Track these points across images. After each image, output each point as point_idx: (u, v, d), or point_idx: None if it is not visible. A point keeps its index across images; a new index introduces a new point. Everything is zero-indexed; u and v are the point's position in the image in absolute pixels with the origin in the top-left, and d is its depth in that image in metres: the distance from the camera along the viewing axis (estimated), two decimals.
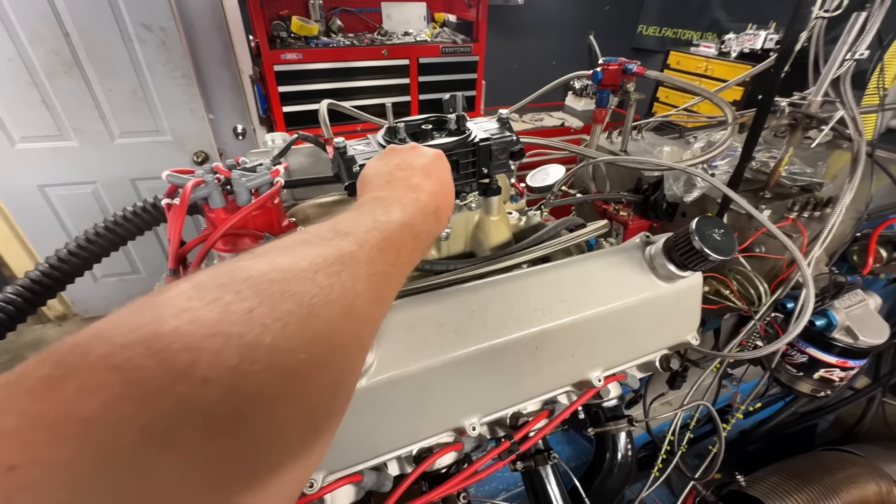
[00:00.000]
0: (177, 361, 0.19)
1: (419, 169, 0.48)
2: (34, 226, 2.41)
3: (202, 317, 0.22)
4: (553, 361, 0.63)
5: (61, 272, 0.68)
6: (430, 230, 0.43)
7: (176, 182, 0.65)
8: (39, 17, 1.91)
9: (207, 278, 0.24)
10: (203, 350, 0.20)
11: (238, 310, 0.23)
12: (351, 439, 0.55)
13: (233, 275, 0.25)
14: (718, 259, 0.59)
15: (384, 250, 0.34)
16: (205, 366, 0.20)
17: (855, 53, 0.95)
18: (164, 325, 0.21)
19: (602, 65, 1.17)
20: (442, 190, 0.48)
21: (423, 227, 0.41)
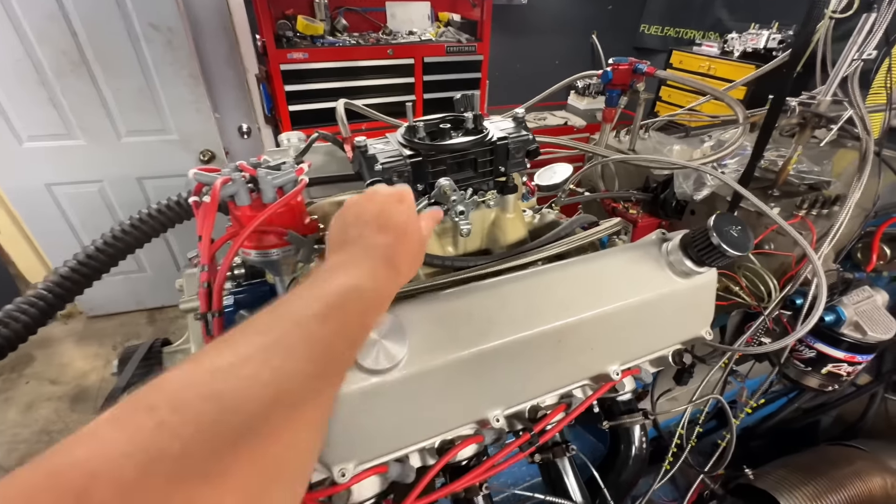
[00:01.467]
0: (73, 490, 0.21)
1: (370, 223, 0.47)
2: (41, 224, 2.42)
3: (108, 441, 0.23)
4: (574, 355, 0.65)
5: (89, 268, 0.69)
6: (384, 285, 0.43)
7: (203, 180, 0.66)
8: (47, 17, 1.92)
9: (127, 401, 0.26)
10: (101, 474, 0.21)
11: (149, 425, 0.24)
12: (382, 430, 0.56)
13: (152, 391, 0.26)
14: (736, 255, 0.61)
15: (327, 319, 0.34)
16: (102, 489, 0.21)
17: (863, 53, 0.97)
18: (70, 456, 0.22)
19: (612, 64, 1.18)
20: (398, 238, 0.47)
21: (372, 284, 0.41)
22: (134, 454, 0.22)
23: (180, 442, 0.24)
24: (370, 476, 0.60)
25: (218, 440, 0.25)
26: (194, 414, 0.25)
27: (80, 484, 0.21)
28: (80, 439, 0.23)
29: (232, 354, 0.29)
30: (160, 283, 2.81)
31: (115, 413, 0.25)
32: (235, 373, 0.28)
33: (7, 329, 0.59)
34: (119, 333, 2.77)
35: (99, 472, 0.21)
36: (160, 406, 0.25)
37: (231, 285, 0.92)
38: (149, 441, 0.23)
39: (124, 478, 0.22)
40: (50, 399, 2.35)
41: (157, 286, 2.82)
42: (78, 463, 0.22)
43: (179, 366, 0.29)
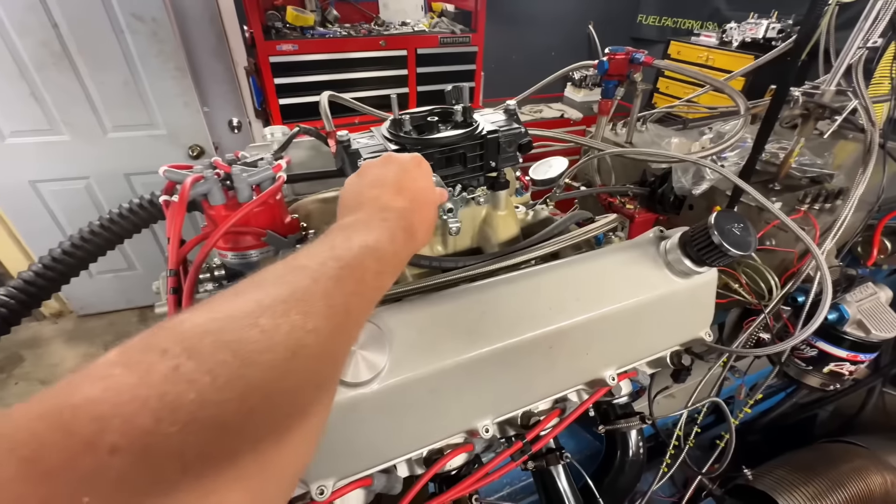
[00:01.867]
0: (82, 432, 0.19)
1: (391, 185, 0.46)
2: (27, 222, 2.37)
3: (119, 383, 0.21)
4: (568, 360, 0.62)
5: (55, 272, 0.65)
6: (400, 250, 0.41)
7: (173, 178, 0.62)
8: (27, 8, 1.86)
9: (140, 339, 0.24)
10: (112, 417, 0.20)
11: (162, 369, 0.22)
12: (362, 443, 0.53)
13: (163, 332, 0.24)
14: (738, 255, 0.57)
15: (343, 280, 0.32)
16: (114, 434, 0.19)
17: (868, 41, 0.94)
18: (76, 396, 0.20)
19: (608, 54, 1.14)
20: (416, 203, 0.46)
21: (391, 248, 0.39)
22: (148, 399, 0.21)
23: (197, 391, 0.22)
24: (354, 490, 0.57)
25: (234, 392, 0.23)
26: (212, 363, 0.23)
27: (90, 428, 0.19)
28: (88, 378, 0.21)
29: (248, 303, 0.27)
30: (151, 282, 2.71)
31: (124, 353, 0.23)
32: (253, 322, 0.26)
33: None
34: (110, 332, 2.73)
35: (111, 415, 0.20)
36: (174, 350, 0.23)
37: (212, 287, 0.88)
38: (163, 386, 0.21)
39: (138, 424, 0.20)
40: None
41: (148, 284, 2.71)
42: (88, 404, 0.20)
43: (191, 310, 0.27)
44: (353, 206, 0.45)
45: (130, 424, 0.20)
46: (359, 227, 0.39)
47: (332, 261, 0.33)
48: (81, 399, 0.20)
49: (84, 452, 0.19)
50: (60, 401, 0.20)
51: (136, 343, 0.24)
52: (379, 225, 0.40)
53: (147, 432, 0.20)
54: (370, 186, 0.46)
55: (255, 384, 0.24)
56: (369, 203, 0.44)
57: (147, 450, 0.20)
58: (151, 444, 0.20)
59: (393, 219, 0.42)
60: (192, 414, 0.21)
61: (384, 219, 0.41)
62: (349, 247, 0.35)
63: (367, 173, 0.49)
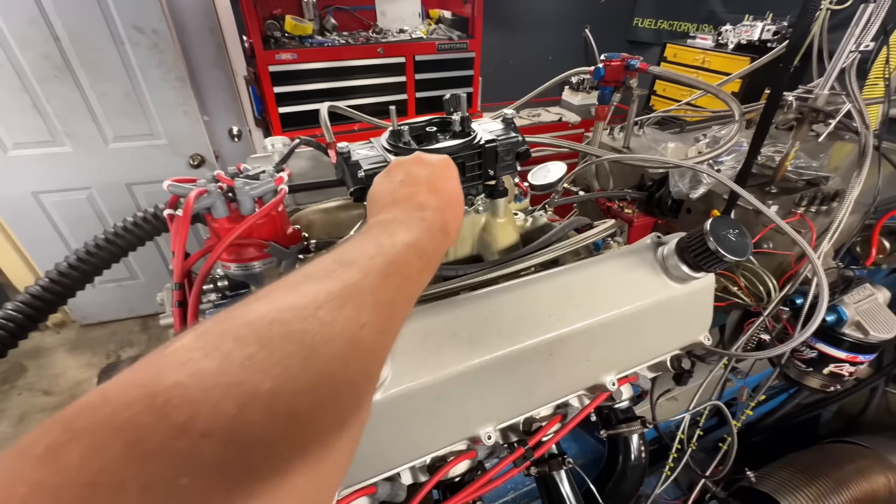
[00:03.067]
0: (176, 417, 0.20)
1: (424, 183, 0.47)
2: (30, 233, 2.38)
3: (202, 368, 0.22)
4: (568, 367, 0.62)
5: (62, 286, 0.66)
6: (438, 248, 0.42)
7: (177, 192, 0.63)
8: (29, 22, 1.88)
9: (210, 326, 0.25)
10: (202, 403, 0.21)
11: (238, 357, 0.23)
12: (366, 452, 0.54)
13: (234, 321, 0.25)
14: (734, 260, 0.58)
15: (390, 276, 0.33)
16: (204, 419, 0.20)
17: (861, 45, 0.95)
18: (165, 380, 0.21)
19: (604, 61, 1.15)
20: (448, 203, 0.47)
21: (430, 245, 0.40)
22: (230, 386, 0.22)
23: (271, 381, 0.23)
24: (358, 498, 0.58)
25: (303, 383, 0.24)
26: (282, 353, 0.24)
27: (183, 413, 0.20)
28: (172, 362, 0.22)
29: (306, 296, 0.28)
30: (153, 291, 2.73)
31: (200, 338, 0.24)
32: (314, 314, 0.27)
33: None
34: (112, 342, 2.74)
35: (199, 401, 0.21)
36: (247, 339, 0.24)
37: (215, 297, 0.89)
38: (242, 375, 0.22)
39: (224, 411, 0.21)
40: (43, 410, 2.32)
41: (151, 293, 2.77)
42: (178, 388, 0.21)
43: (254, 300, 0.27)
44: (387, 203, 0.45)
45: (217, 410, 0.21)
46: (399, 224, 0.40)
47: (380, 256, 0.34)
48: (171, 383, 0.21)
49: (178, 436, 0.20)
50: (151, 385, 0.21)
51: (211, 329, 0.25)
52: (418, 224, 0.41)
53: (233, 418, 0.21)
54: (403, 185, 0.47)
55: (321, 375, 0.25)
56: (404, 200, 0.45)
57: (234, 435, 0.21)
58: (237, 430, 0.21)
59: (429, 217, 0.42)
60: (269, 403, 0.22)
61: (422, 217, 0.42)
62: (394, 243, 0.36)
63: (397, 171, 0.50)
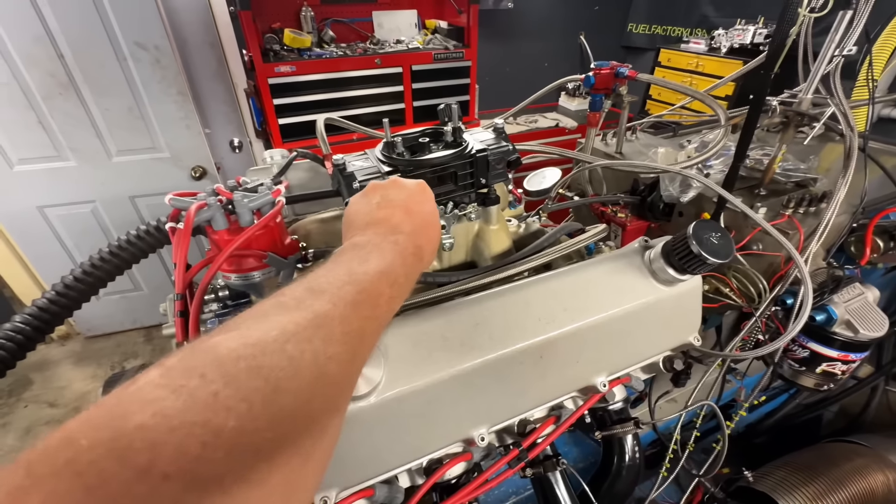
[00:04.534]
0: (137, 460, 0.20)
1: (399, 206, 0.48)
2: (35, 247, 2.41)
3: (167, 408, 0.22)
4: (559, 369, 0.64)
5: (68, 298, 0.69)
6: (410, 273, 0.43)
7: (179, 206, 0.66)
8: (34, 40, 1.92)
9: (177, 361, 0.25)
10: (164, 445, 0.21)
11: (203, 395, 0.23)
12: (362, 455, 0.55)
13: (202, 356, 0.25)
14: (717, 263, 0.60)
15: (360, 305, 0.34)
16: (166, 461, 0.21)
17: (843, 49, 0.97)
18: (130, 421, 0.21)
19: (594, 69, 1.18)
20: (423, 227, 0.48)
21: (402, 271, 0.41)
22: (194, 426, 0.22)
23: (236, 419, 0.23)
24: (356, 501, 0.59)
25: (267, 420, 0.24)
26: (247, 390, 0.24)
27: (145, 456, 0.20)
28: (137, 401, 0.22)
29: (274, 328, 0.28)
30: (157, 302, 2.74)
31: (165, 375, 0.24)
32: (280, 349, 0.27)
33: None
34: (117, 353, 2.76)
35: (162, 443, 0.21)
36: (212, 376, 0.24)
37: (216, 307, 0.91)
38: (206, 414, 0.22)
39: (187, 452, 0.21)
40: (49, 423, 2.34)
41: (154, 304, 2.77)
42: (140, 431, 0.21)
43: (222, 333, 0.28)
44: (362, 224, 0.46)
45: (180, 452, 0.21)
46: (372, 249, 0.40)
47: (350, 285, 0.34)
48: (134, 426, 0.21)
49: (139, 480, 0.20)
50: (115, 426, 0.21)
51: (177, 365, 0.25)
52: (391, 248, 0.41)
53: (195, 458, 0.21)
54: (379, 207, 0.48)
55: (285, 411, 0.25)
56: (379, 224, 0.45)
57: (195, 475, 0.21)
58: (198, 469, 0.21)
59: (403, 242, 0.43)
60: (232, 441, 0.23)
61: (395, 242, 0.42)
62: (365, 271, 0.37)
63: (374, 194, 0.51)
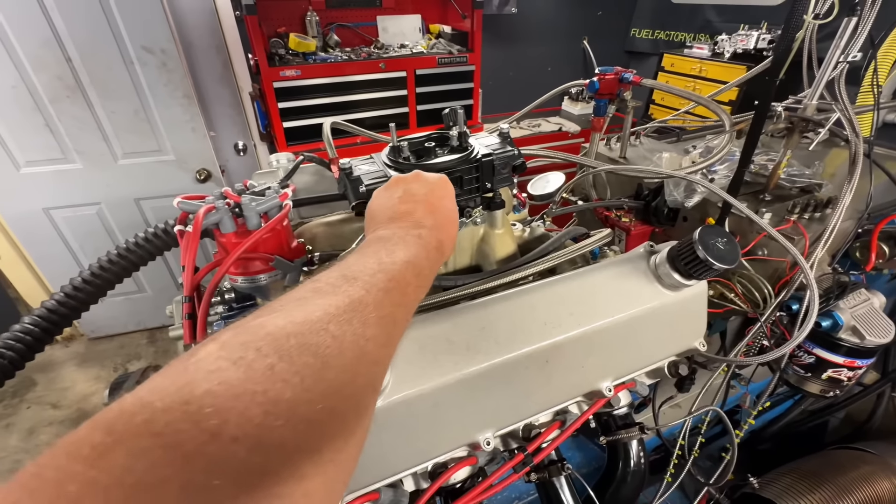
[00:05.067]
0: (208, 423, 0.22)
1: (422, 201, 0.49)
2: (40, 248, 2.43)
3: (229, 377, 0.24)
4: (564, 373, 0.64)
5: (76, 301, 0.69)
6: (433, 265, 0.44)
7: (187, 209, 0.66)
8: (42, 44, 1.95)
9: (231, 336, 0.27)
10: (231, 410, 0.22)
11: (260, 367, 0.25)
12: (368, 458, 0.55)
13: (254, 332, 0.27)
14: (723, 268, 0.60)
15: (390, 292, 0.35)
16: (233, 425, 0.22)
17: (848, 55, 0.97)
18: (197, 388, 0.23)
19: (598, 74, 1.18)
20: (445, 222, 0.49)
21: (426, 263, 0.42)
22: (255, 395, 0.23)
23: (291, 390, 0.24)
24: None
25: (318, 393, 0.26)
26: (299, 365, 0.26)
27: (215, 419, 0.22)
28: (200, 370, 0.24)
29: (317, 310, 0.30)
30: (161, 304, 2.81)
31: (224, 347, 0.25)
32: (324, 328, 0.28)
33: None
34: (120, 355, 2.77)
35: (228, 408, 0.22)
36: (266, 350, 0.25)
37: (222, 309, 0.91)
38: (265, 384, 0.24)
39: (251, 418, 0.23)
40: (51, 424, 2.35)
41: (158, 306, 2.82)
42: (208, 396, 0.22)
43: (268, 312, 0.29)
44: (386, 218, 0.48)
45: (245, 417, 0.22)
46: (397, 241, 0.42)
47: (381, 273, 0.36)
48: (202, 391, 0.23)
49: (211, 441, 0.21)
50: (184, 393, 0.22)
51: (232, 340, 0.26)
52: (415, 241, 0.43)
53: (258, 425, 0.23)
54: (402, 201, 0.49)
55: (333, 386, 0.27)
56: (403, 217, 0.47)
57: (259, 440, 0.23)
58: (262, 435, 0.23)
59: (426, 235, 0.45)
60: (290, 411, 0.24)
61: (419, 235, 0.44)
62: (393, 261, 0.38)
63: (396, 188, 0.52)
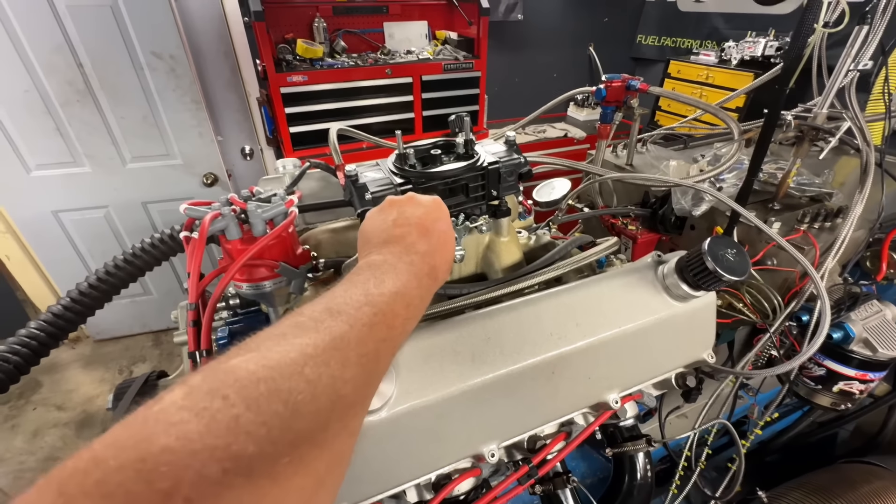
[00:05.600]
0: (162, 484, 0.21)
1: (415, 225, 0.48)
2: (48, 250, 2.45)
3: (189, 430, 0.23)
4: (570, 385, 0.63)
5: (82, 305, 0.69)
6: (424, 294, 0.43)
7: (193, 215, 0.66)
8: (54, 49, 1.98)
9: (200, 381, 0.26)
10: (187, 469, 0.21)
11: (224, 418, 0.24)
12: (371, 469, 0.55)
13: (223, 378, 0.26)
14: (732, 280, 0.59)
15: (375, 326, 0.34)
16: (188, 485, 0.21)
17: (858, 64, 0.96)
18: (155, 443, 0.22)
19: (605, 82, 1.18)
20: (439, 246, 0.48)
21: (417, 292, 0.41)
22: (216, 450, 0.22)
23: (255, 443, 0.23)
24: None
25: (285, 444, 0.25)
26: (267, 414, 0.25)
27: (169, 480, 0.21)
28: (160, 422, 0.23)
29: (292, 350, 0.29)
30: (166, 307, 2.81)
31: (189, 397, 0.25)
32: (299, 372, 0.27)
33: None
34: (125, 357, 2.78)
35: (186, 466, 0.21)
36: (233, 398, 0.25)
37: (227, 314, 0.91)
38: (228, 437, 0.23)
39: (210, 476, 0.22)
40: (56, 425, 2.35)
41: (163, 309, 2.84)
42: (164, 453, 0.22)
43: (241, 354, 0.28)
44: (379, 241, 0.46)
45: (201, 476, 0.21)
46: (388, 269, 0.41)
47: (367, 307, 0.35)
48: (159, 448, 0.22)
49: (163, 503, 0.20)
50: (141, 448, 0.22)
51: (200, 386, 0.25)
52: (407, 269, 0.42)
53: (216, 483, 0.22)
54: (395, 225, 0.48)
55: (302, 435, 0.26)
56: (395, 242, 0.45)
57: (216, 500, 0.22)
58: (218, 494, 0.22)
59: (418, 262, 0.43)
60: (251, 467, 0.23)
61: (411, 262, 0.43)
62: (381, 292, 0.37)
63: (391, 210, 0.51)
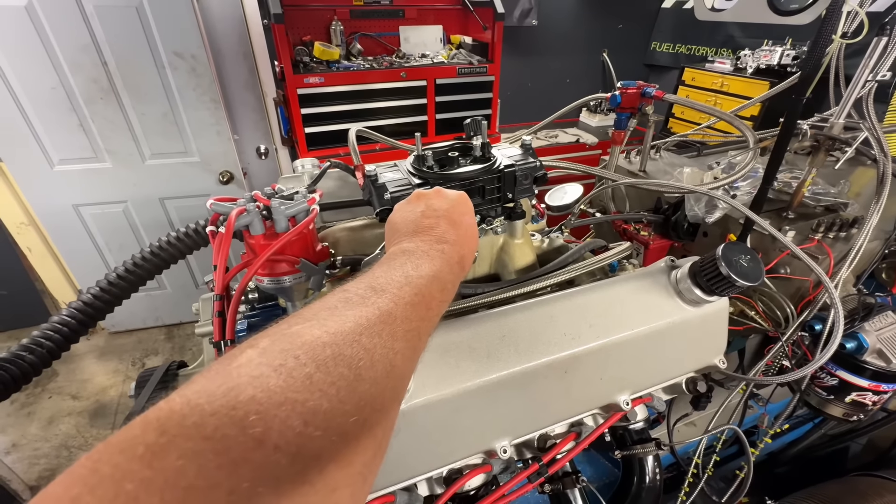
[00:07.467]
0: (254, 430, 0.22)
1: (444, 216, 0.50)
2: (68, 243, 2.52)
3: (271, 385, 0.24)
4: (582, 385, 0.64)
5: (111, 295, 0.72)
6: (456, 280, 0.45)
7: (220, 210, 0.69)
8: (80, 48, 2.04)
9: (270, 343, 0.27)
10: (274, 418, 0.23)
11: (299, 376, 0.25)
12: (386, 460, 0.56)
13: (291, 340, 0.28)
14: (746, 285, 0.60)
15: (416, 306, 0.36)
16: (276, 433, 0.23)
17: (877, 75, 0.96)
18: (242, 393, 0.23)
19: (620, 88, 1.19)
20: (466, 237, 0.50)
21: (450, 277, 0.43)
22: (297, 404, 0.24)
23: (328, 401, 0.25)
24: None
25: (352, 404, 0.26)
26: (335, 375, 0.26)
27: (260, 427, 0.22)
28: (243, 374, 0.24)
29: (348, 321, 0.30)
30: (179, 301, 2.88)
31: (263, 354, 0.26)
32: (357, 340, 0.29)
33: (32, 355, 0.62)
34: (138, 349, 2.83)
35: (273, 416, 0.23)
36: (304, 358, 0.26)
37: (245, 308, 0.94)
38: (304, 393, 0.24)
39: (293, 428, 0.23)
40: (70, 414, 2.41)
41: (177, 303, 2.89)
42: (252, 403, 0.23)
43: (300, 321, 0.30)
44: (409, 232, 0.48)
45: (286, 426, 0.23)
46: (422, 256, 0.42)
47: (408, 287, 0.37)
48: (247, 398, 0.23)
49: (257, 448, 0.22)
50: (231, 397, 0.23)
51: (271, 346, 0.27)
52: (439, 256, 0.43)
53: (299, 434, 0.23)
54: (424, 216, 0.50)
55: (365, 398, 0.27)
56: (426, 232, 0.47)
57: (299, 450, 0.23)
58: (302, 445, 0.23)
59: (449, 251, 0.45)
60: (326, 422, 0.25)
61: (442, 251, 0.44)
62: (420, 275, 0.39)
63: (419, 202, 0.53)
